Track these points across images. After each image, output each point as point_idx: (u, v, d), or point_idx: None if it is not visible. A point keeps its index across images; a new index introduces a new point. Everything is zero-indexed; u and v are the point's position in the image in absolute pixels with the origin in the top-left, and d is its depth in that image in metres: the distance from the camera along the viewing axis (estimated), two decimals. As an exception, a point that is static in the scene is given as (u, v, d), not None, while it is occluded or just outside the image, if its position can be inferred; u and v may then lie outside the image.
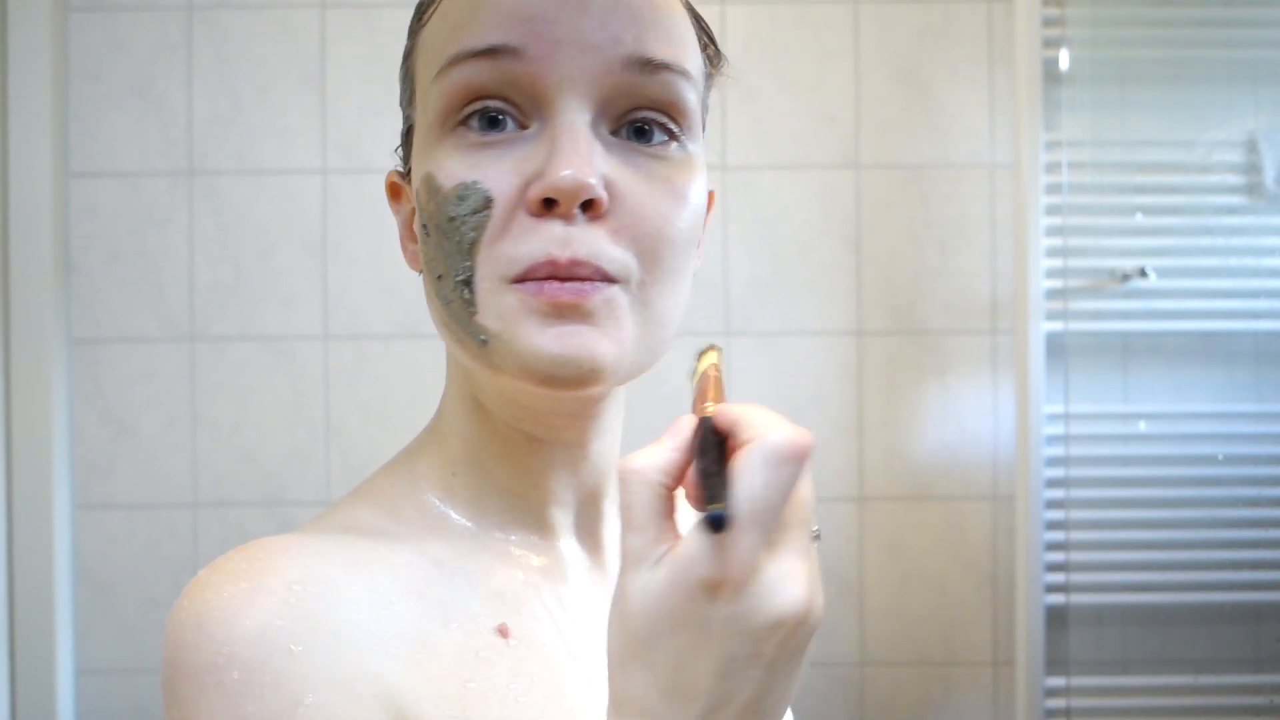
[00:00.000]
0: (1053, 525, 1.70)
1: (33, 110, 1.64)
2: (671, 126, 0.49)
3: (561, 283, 0.45)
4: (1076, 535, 1.69)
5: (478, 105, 0.47)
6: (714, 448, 0.38)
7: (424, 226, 0.48)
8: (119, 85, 1.69)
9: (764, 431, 0.37)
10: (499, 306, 0.46)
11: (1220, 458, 1.71)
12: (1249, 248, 1.73)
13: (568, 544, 0.55)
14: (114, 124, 1.69)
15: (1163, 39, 1.75)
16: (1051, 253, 1.70)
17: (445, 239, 0.46)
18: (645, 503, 0.38)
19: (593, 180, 0.45)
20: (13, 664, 1.63)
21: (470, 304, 0.46)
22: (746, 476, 0.36)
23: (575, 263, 0.45)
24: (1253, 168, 1.70)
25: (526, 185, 0.46)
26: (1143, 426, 1.72)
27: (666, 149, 0.49)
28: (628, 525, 0.38)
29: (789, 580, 0.36)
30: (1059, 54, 1.70)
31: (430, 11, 0.51)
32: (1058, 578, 1.70)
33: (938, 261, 1.72)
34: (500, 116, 0.47)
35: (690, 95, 0.49)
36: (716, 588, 0.36)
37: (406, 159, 0.55)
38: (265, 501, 1.70)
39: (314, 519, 0.52)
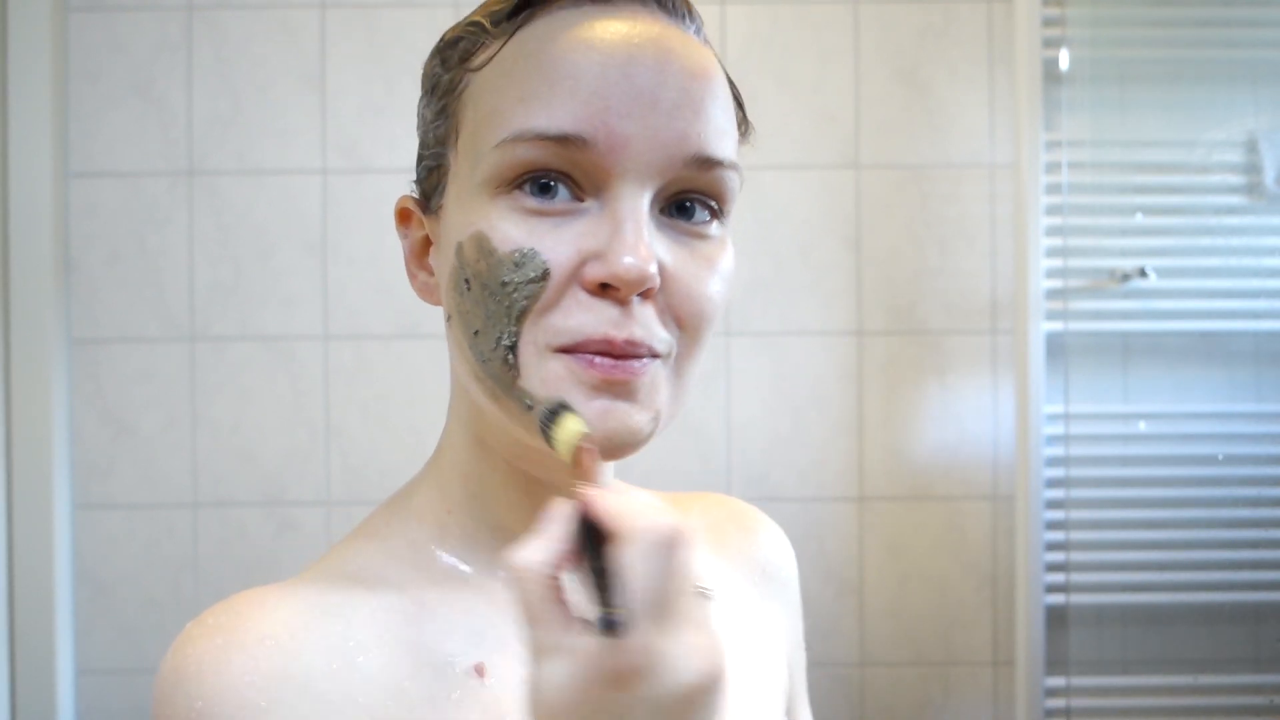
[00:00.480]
0: (1053, 525, 1.70)
1: (33, 110, 1.64)
2: (715, 208, 0.51)
3: (615, 360, 0.46)
4: (1076, 535, 1.69)
5: (538, 175, 0.47)
6: (594, 541, 0.39)
7: (465, 281, 0.48)
8: (119, 85, 1.70)
9: (643, 524, 0.38)
10: (543, 373, 0.47)
11: (1220, 458, 1.71)
12: (1249, 248, 1.73)
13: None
14: (114, 124, 1.69)
15: (1163, 39, 1.75)
16: (1051, 253, 1.70)
17: (492, 300, 0.46)
18: (541, 598, 0.39)
19: (652, 269, 0.46)
20: (13, 664, 1.63)
21: (513, 368, 0.47)
22: (634, 577, 0.37)
23: (630, 343, 0.46)
24: (1253, 168, 1.70)
25: (583, 261, 0.46)
26: (1143, 426, 1.72)
27: (708, 227, 0.51)
28: (529, 620, 0.39)
29: (691, 653, 0.38)
30: (1059, 54, 1.70)
31: (482, 55, 0.50)
32: (1058, 578, 1.70)
33: (938, 261, 1.72)
34: (556, 184, 0.48)
35: (736, 184, 0.52)
36: (624, 678, 0.38)
37: (425, 187, 0.54)
38: (265, 501, 1.70)
39: (316, 561, 0.54)
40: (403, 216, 0.55)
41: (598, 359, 0.46)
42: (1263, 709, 1.68)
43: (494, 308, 0.46)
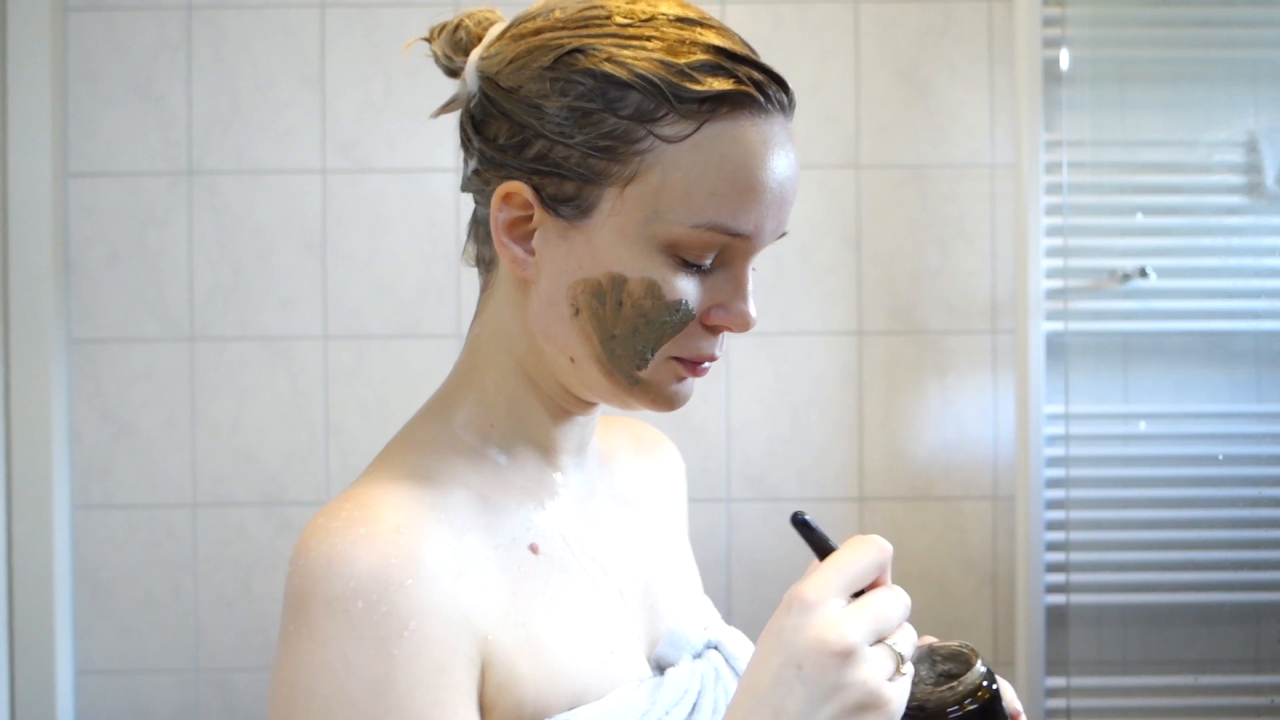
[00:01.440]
0: (1053, 525, 1.70)
1: (32, 110, 1.64)
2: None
3: (707, 364, 0.65)
4: (1076, 535, 1.69)
5: (708, 255, 0.61)
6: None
7: (619, 302, 0.61)
8: (118, 85, 1.69)
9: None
10: (660, 370, 0.63)
11: (1220, 458, 1.71)
12: (1249, 248, 1.73)
13: (571, 479, 0.70)
14: (113, 124, 1.69)
15: (1163, 39, 1.75)
16: (1051, 253, 1.70)
17: (649, 327, 0.61)
18: (842, 590, 0.55)
19: (756, 321, 0.64)
20: (13, 664, 1.63)
21: (642, 363, 0.62)
22: (841, 551, 0.56)
23: (715, 358, 0.65)
24: (1253, 168, 1.70)
25: (709, 309, 0.62)
26: (1143, 426, 1.72)
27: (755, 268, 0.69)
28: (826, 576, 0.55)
29: (844, 623, 0.52)
30: (1059, 54, 1.70)
31: (670, 128, 0.59)
32: (1058, 578, 1.70)
33: (938, 261, 1.72)
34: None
35: None
36: (789, 601, 0.54)
37: (549, 186, 0.62)
38: (265, 501, 1.70)
39: (373, 467, 0.64)
40: (509, 197, 0.62)
41: (700, 366, 0.64)
42: (1263, 709, 1.68)
43: (647, 331, 0.61)
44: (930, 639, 0.62)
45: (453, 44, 0.66)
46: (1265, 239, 1.72)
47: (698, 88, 0.58)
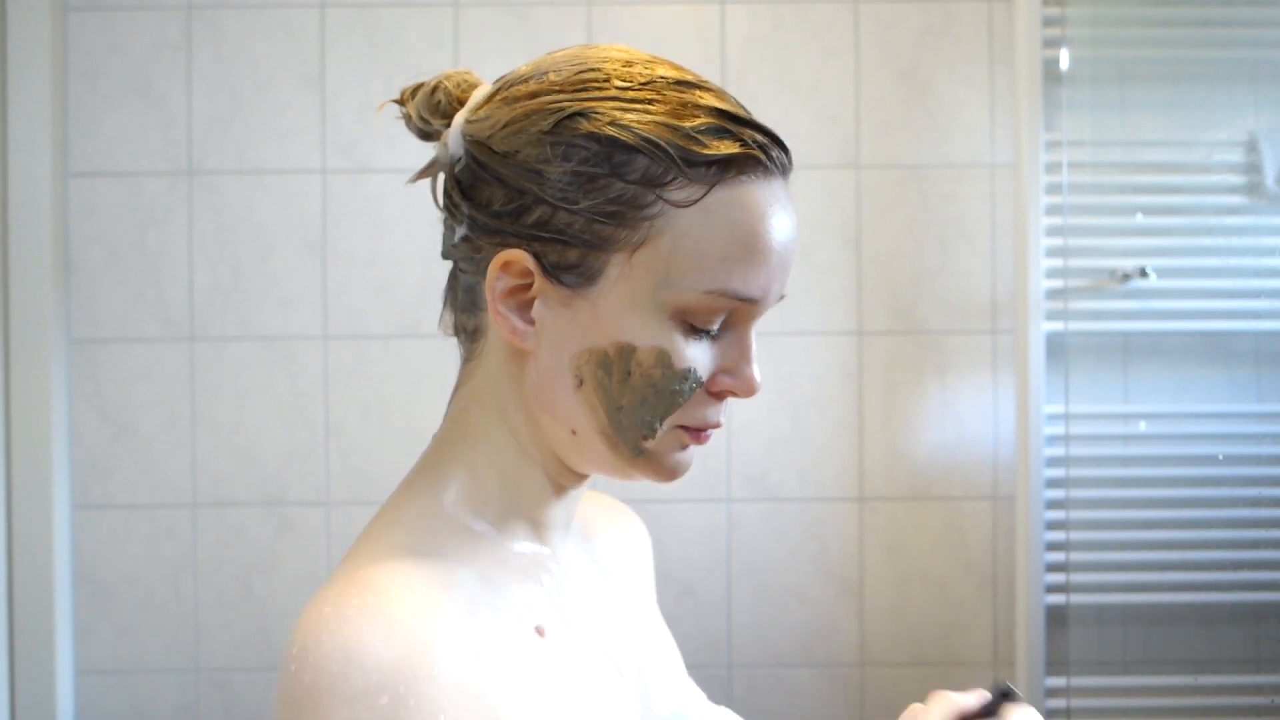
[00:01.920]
0: (1053, 525, 1.70)
1: (32, 110, 1.64)
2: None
3: (710, 431, 0.65)
4: (1076, 535, 1.69)
5: (716, 321, 0.61)
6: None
7: (628, 372, 0.60)
8: (118, 85, 1.69)
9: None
10: (667, 441, 0.63)
11: (1220, 458, 1.71)
12: (1249, 248, 1.73)
13: (562, 554, 0.68)
14: (113, 124, 1.69)
15: (1163, 39, 1.75)
16: (1051, 253, 1.70)
17: (657, 397, 0.60)
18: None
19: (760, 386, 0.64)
20: (12, 664, 1.63)
21: (649, 434, 0.61)
22: None
23: (719, 425, 0.65)
24: (1253, 168, 1.70)
25: (715, 375, 0.62)
26: (1143, 426, 1.72)
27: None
28: None
29: None
30: (1059, 54, 1.70)
31: (679, 193, 0.58)
32: (1058, 578, 1.70)
33: (938, 261, 1.72)
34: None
35: None
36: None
37: (550, 253, 0.60)
38: (265, 501, 1.70)
39: (363, 546, 0.60)
40: (507, 265, 0.60)
41: (703, 434, 0.64)
42: (1263, 709, 1.68)
43: (656, 401, 0.60)
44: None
45: (430, 106, 0.65)
46: (1265, 239, 1.72)
47: (706, 151, 0.58)
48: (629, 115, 0.58)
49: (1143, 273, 1.68)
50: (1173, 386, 1.72)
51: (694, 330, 0.60)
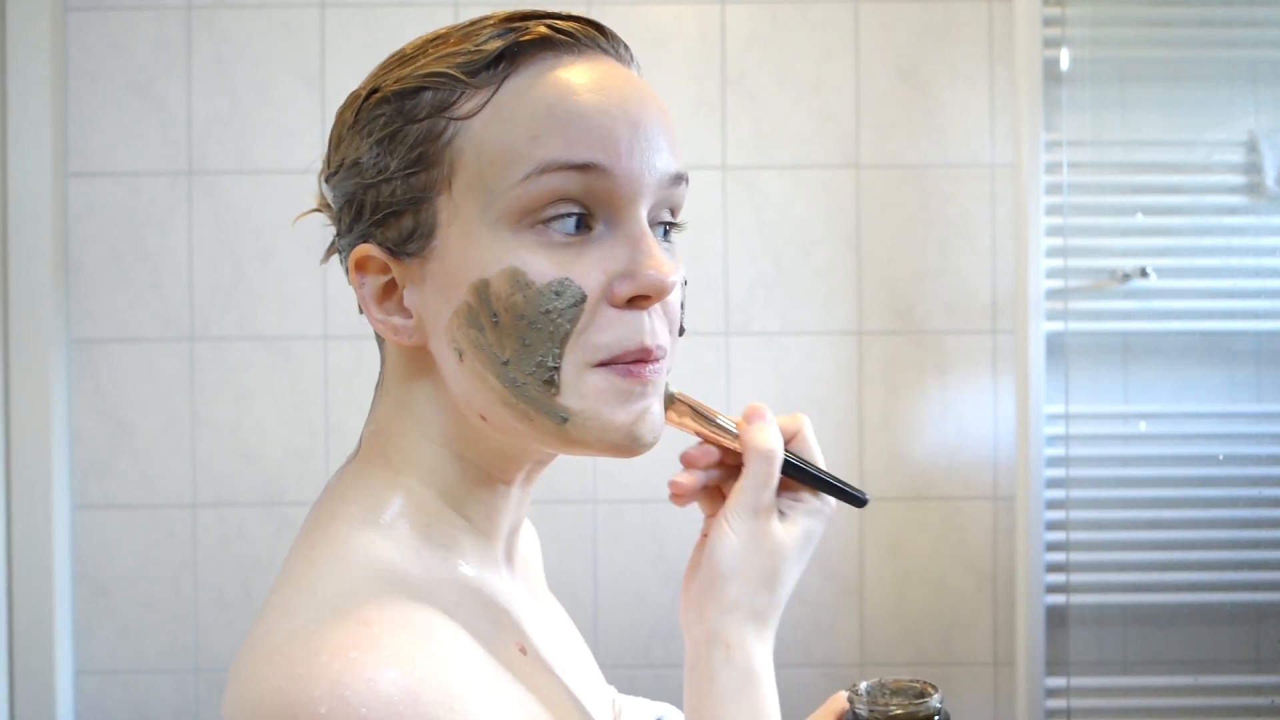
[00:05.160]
0: (1053, 525, 1.70)
1: (32, 110, 1.64)
2: (677, 222, 0.59)
3: (645, 365, 0.55)
4: (1076, 535, 1.69)
5: (564, 209, 0.53)
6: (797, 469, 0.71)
7: (493, 314, 0.53)
8: (118, 85, 1.69)
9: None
10: (581, 388, 0.54)
11: (1220, 458, 1.71)
12: (1249, 248, 1.73)
13: (513, 562, 0.64)
14: (113, 124, 1.69)
15: (1163, 39, 1.75)
16: (1051, 253, 1.70)
17: (532, 330, 0.52)
18: (774, 476, 0.67)
19: (673, 278, 0.54)
20: (12, 664, 1.63)
21: (552, 386, 0.53)
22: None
23: (658, 348, 0.55)
24: (1253, 168, 1.70)
25: (610, 282, 0.53)
26: (1143, 426, 1.72)
27: (673, 242, 0.60)
28: (767, 488, 0.66)
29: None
30: (1059, 54, 1.70)
31: (467, 104, 0.54)
32: (1058, 578, 1.69)
33: (938, 261, 1.72)
34: (576, 215, 0.54)
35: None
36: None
37: (389, 234, 0.56)
38: (265, 501, 1.70)
39: (314, 586, 0.52)
40: (361, 265, 0.57)
41: (635, 367, 0.54)
42: (1263, 709, 1.68)
43: (534, 336, 0.52)
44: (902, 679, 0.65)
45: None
46: (1265, 239, 1.72)
47: (484, 51, 0.54)
48: (410, 66, 0.56)
49: (1143, 273, 1.68)
50: (1173, 386, 1.72)
51: (552, 236, 0.53)
